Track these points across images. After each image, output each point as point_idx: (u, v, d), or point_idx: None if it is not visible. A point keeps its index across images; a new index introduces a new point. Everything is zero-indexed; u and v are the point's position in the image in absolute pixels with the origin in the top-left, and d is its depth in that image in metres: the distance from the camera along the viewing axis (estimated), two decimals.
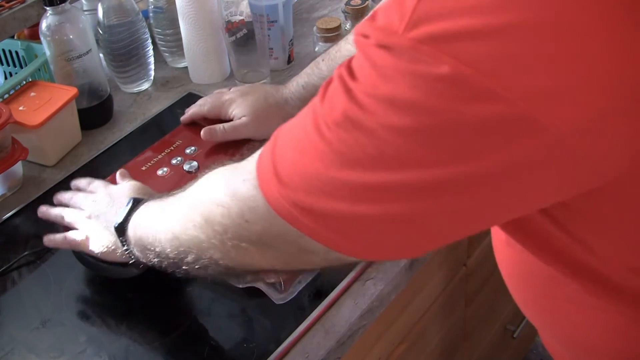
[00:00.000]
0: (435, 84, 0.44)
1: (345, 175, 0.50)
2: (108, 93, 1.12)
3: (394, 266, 0.85)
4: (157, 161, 0.95)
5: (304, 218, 0.53)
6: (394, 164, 0.48)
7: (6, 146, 0.95)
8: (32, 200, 0.98)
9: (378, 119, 0.47)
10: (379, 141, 0.48)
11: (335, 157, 0.50)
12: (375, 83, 0.47)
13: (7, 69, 1.20)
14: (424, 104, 0.45)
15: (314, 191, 0.52)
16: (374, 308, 0.82)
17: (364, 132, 0.48)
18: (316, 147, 0.52)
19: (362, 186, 0.50)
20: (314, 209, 0.52)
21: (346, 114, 0.49)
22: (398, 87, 0.46)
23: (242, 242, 0.59)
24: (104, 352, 0.77)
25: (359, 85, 0.49)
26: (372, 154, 0.48)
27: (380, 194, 0.50)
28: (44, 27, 1.04)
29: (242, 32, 1.11)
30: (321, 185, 0.51)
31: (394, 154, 0.48)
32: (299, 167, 0.53)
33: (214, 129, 0.96)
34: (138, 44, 1.15)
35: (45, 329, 0.80)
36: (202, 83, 1.20)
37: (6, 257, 0.89)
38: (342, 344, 0.78)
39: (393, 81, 0.46)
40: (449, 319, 1.17)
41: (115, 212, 0.77)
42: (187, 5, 1.12)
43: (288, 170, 0.54)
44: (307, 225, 0.53)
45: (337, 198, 0.51)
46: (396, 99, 0.46)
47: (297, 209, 0.53)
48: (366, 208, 0.50)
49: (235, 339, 0.78)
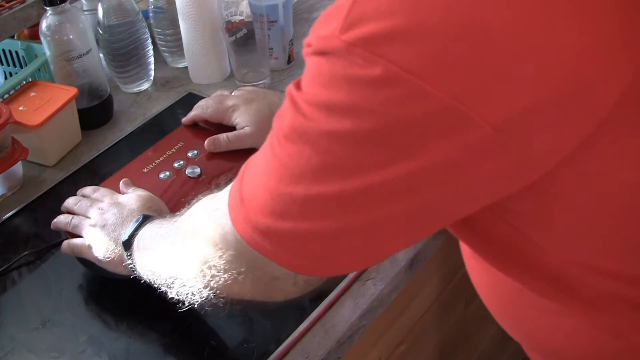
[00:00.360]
0: (370, 87, 0.45)
1: (293, 191, 0.50)
2: (108, 93, 1.12)
3: (394, 266, 0.85)
4: (159, 163, 0.94)
5: (263, 241, 0.53)
6: (337, 173, 0.48)
7: (6, 146, 0.95)
8: (32, 200, 0.98)
9: (320, 126, 0.48)
10: (322, 150, 0.48)
11: (285, 172, 0.50)
12: (315, 90, 0.48)
13: (7, 69, 1.20)
14: (360, 107, 0.46)
15: (269, 211, 0.52)
16: (374, 308, 0.82)
17: (308, 142, 0.48)
18: (269, 165, 0.52)
19: (309, 200, 0.50)
20: (271, 231, 0.52)
21: (293, 125, 0.49)
22: (336, 93, 0.46)
23: (219, 272, 0.59)
24: (104, 352, 0.77)
25: (302, 94, 0.49)
26: (316, 164, 0.48)
27: (326, 207, 0.50)
28: (44, 27, 1.04)
29: (242, 32, 1.11)
30: (274, 204, 0.51)
31: (337, 162, 0.48)
32: (257, 188, 0.53)
33: (217, 140, 0.95)
34: (138, 44, 1.15)
35: (45, 329, 0.80)
36: (202, 83, 1.20)
37: (6, 257, 0.89)
38: (342, 344, 0.78)
39: (331, 87, 0.47)
40: (449, 319, 1.17)
41: (122, 223, 0.77)
42: (187, 5, 1.12)
43: (249, 193, 0.54)
44: (267, 248, 0.53)
45: (288, 216, 0.51)
46: (335, 104, 0.47)
47: (257, 232, 0.53)
48: (315, 224, 0.50)
49: (235, 339, 0.78)
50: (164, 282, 0.67)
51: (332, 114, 0.47)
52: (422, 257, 0.89)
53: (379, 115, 0.45)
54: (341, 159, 0.48)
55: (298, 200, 0.50)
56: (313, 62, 0.48)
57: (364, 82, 0.45)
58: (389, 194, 0.48)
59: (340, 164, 0.48)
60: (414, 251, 0.87)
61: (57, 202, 0.89)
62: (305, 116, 0.48)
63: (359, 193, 0.48)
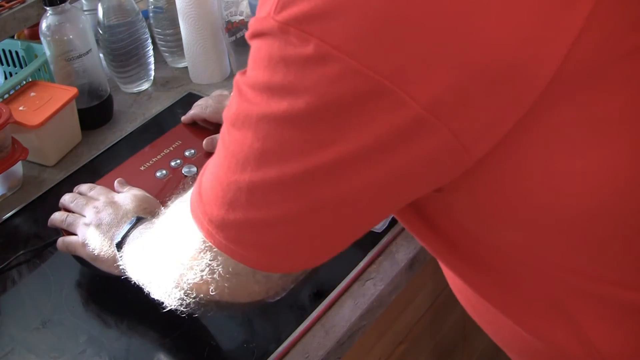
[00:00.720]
0: (304, 66, 0.45)
1: (239, 178, 0.49)
2: (108, 93, 1.12)
3: (394, 266, 0.85)
4: (156, 161, 0.94)
5: (218, 234, 0.52)
6: (276, 158, 0.48)
7: (6, 146, 0.95)
8: (32, 200, 0.98)
9: (260, 109, 0.47)
10: (262, 134, 0.47)
11: (231, 160, 0.50)
12: (256, 73, 0.48)
13: (7, 69, 1.20)
14: (295, 87, 0.45)
15: (220, 203, 0.51)
16: (374, 308, 0.82)
17: (251, 127, 0.48)
18: (219, 155, 0.51)
19: (254, 188, 0.49)
20: (225, 223, 0.52)
21: (237, 112, 0.49)
22: (274, 74, 0.46)
23: (186, 271, 0.58)
24: (104, 352, 0.77)
25: (245, 79, 0.49)
26: (258, 149, 0.48)
27: (270, 194, 0.49)
28: (44, 27, 1.04)
29: (242, 32, 1.11)
30: (224, 195, 0.51)
31: (275, 146, 0.47)
32: (211, 181, 0.52)
33: (216, 139, 0.95)
34: (138, 44, 1.15)
35: (45, 329, 0.80)
36: (202, 83, 1.20)
37: (6, 257, 0.89)
38: (342, 344, 0.78)
39: (269, 68, 0.46)
40: (449, 320, 1.17)
41: (117, 224, 0.77)
42: (187, 5, 1.12)
43: (205, 187, 0.53)
44: (221, 242, 0.53)
45: (237, 206, 0.50)
46: (273, 85, 0.46)
47: (212, 225, 0.52)
48: (262, 213, 0.50)
49: (235, 339, 0.78)
50: (146, 284, 0.67)
51: (272, 95, 0.47)
52: (422, 257, 0.89)
53: (312, 94, 0.45)
54: (279, 143, 0.47)
55: (244, 189, 0.49)
56: (253, 45, 0.48)
57: (298, 61, 0.45)
58: (326, 178, 0.47)
59: (278, 148, 0.47)
60: (414, 251, 0.87)
61: (57, 202, 0.89)
62: (248, 101, 0.48)
63: (297, 178, 0.48)
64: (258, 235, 0.51)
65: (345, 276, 0.82)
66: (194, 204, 0.55)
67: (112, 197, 0.83)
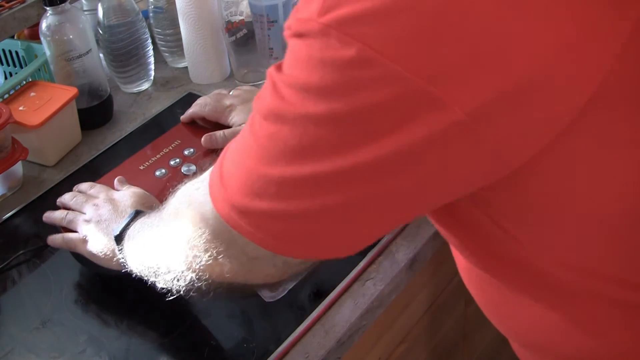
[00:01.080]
0: (344, 68, 0.45)
1: (270, 171, 0.50)
2: (108, 93, 1.12)
3: (394, 266, 0.85)
4: (155, 161, 0.94)
5: (241, 220, 0.53)
6: (311, 155, 0.48)
7: (6, 146, 0.95)
8: (32, 200, 0.98)
9: (296, 108, 0.48)
10: (298, 132, 0.48)
11: (263, 153, 0.51)
12: (293, 73, 0.48)
13: (7, 69, 1.20)
14: (334, 89, 0.46)
15: (247, 191, 0.52)
16: (374, 308, 0.82)
17: (286, 124, 0.49)
18: (249, 145, 0.52)
19: (285, 181, 0.50)
20: (249, 210, 0.53)
21: (270, 107, 0.50)
22: (312, 75, 0.47)
23: (200, 252, 0.59)
24: (104, 352, 0.77)
25: (281, 76, 0.49)
26: (293, 145, 0.49)
27: (301, 188, 0.50)
28: (44, 27, 1.04)
29: (242, 32, 1.11)
30: (251, 184, 0.52)
31: (312, 143, 0.48)
32: (236, 168, 0.53)
33: (214, 136, 0.95)
34: (138, 44, 1.15)
35: (45, 329, 0.80)
36: (202, 83, 1.20)
37: (6, 257, 0.89)
38: (342, 344, 0.78)
39: (308, 69, 0.47)
40: (449, 319, 1.17)
41: (116, 219, 0.78)
42: (187, 5, 1.12)
43: (229, 173, 0.54)
44: (244, 227, 0.53)
45: (265, 196, 0.51)
46: (311, 86, 0.47)
47: (235, 211, 0.53)
48: (290, 204, 0.51)
49: (235, 339, 0.78)
50: (151, 271, 0.67)
51: (308, 96, 0.47)
52: (422, 257, 0.89)
53: (352, 97, 0.46)
54: (315, 142, 0.48)
55: (274, 181, 0.51)
56: (292, 45, 0.49)
57: (339, 64, 0.45)
58: (361, 177, 0.48)
59: (314, 146, 0.48)
60: (414, 251, 0.87)
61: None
62: (283, 98, 0.49)
63: (332, 175, 0.49)
64: (284, 224, 0.52)
65: (345, 276, 0.82)
66: (215, 188, 0.56)
67: (111, 194, 0.84)
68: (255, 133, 0.52)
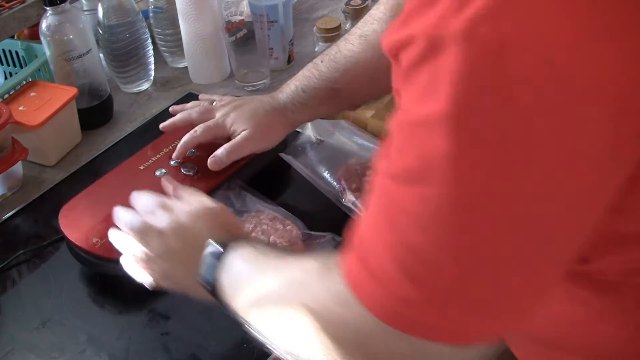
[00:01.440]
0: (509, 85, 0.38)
1: (424, 240, 0.43)
2: (108, 93, 1.12)
3: None
4: (155, 161, 0.94)
5: (422, 316, 0.45)
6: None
7: (6, 146, 0.95)
8: (32, 200, 0.98)
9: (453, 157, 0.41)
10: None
11: (417, 220, 0.43)
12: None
13: (7, 69, 1.21)
14: None
15: (410, 277, 0.45)
16: None
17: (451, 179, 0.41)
18: (388, 218, 0.46)
19: (460, 248, 0.43)
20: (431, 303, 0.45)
21: (414, 163, 0.43)
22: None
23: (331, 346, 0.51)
24: (104, 352, 0.77)
25: (404, 116, 0.44)
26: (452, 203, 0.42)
27: (480, 247, 0.43)
28: (44, 27, 1.04)
29: (242, 32, 1.11)
30: (413, 267, 0.44)
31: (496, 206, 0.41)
32: (382, 251, 0.46)
33: (218, 158, 0.89)
34: (138, 44, 1.15)
35: (45, 329, 0.80)
36: (202, 83, 1.20)
37: (6, 257, 0.89)
38: None
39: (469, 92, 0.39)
40: None
41: (192, 253, 0.66)
42: (187, 5, 1.12)
43: (377, 264, 0.46)
44: (424, 323, 0.46)
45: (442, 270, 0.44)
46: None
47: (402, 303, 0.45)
48: (471, 271, 0.43)
49: (235, 339, 0.78)
50: (265, 340, 0.62)
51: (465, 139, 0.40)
52: None
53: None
54: None
55: (450, 252, 0.43)
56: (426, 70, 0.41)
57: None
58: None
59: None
60: None
61: (57, 202, 0.89)
62: (427, 144, 0.41)
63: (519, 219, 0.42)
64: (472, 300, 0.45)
65: None
66: (362, 284, 0.47)
67: (179, 217, 0.70)
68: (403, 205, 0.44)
